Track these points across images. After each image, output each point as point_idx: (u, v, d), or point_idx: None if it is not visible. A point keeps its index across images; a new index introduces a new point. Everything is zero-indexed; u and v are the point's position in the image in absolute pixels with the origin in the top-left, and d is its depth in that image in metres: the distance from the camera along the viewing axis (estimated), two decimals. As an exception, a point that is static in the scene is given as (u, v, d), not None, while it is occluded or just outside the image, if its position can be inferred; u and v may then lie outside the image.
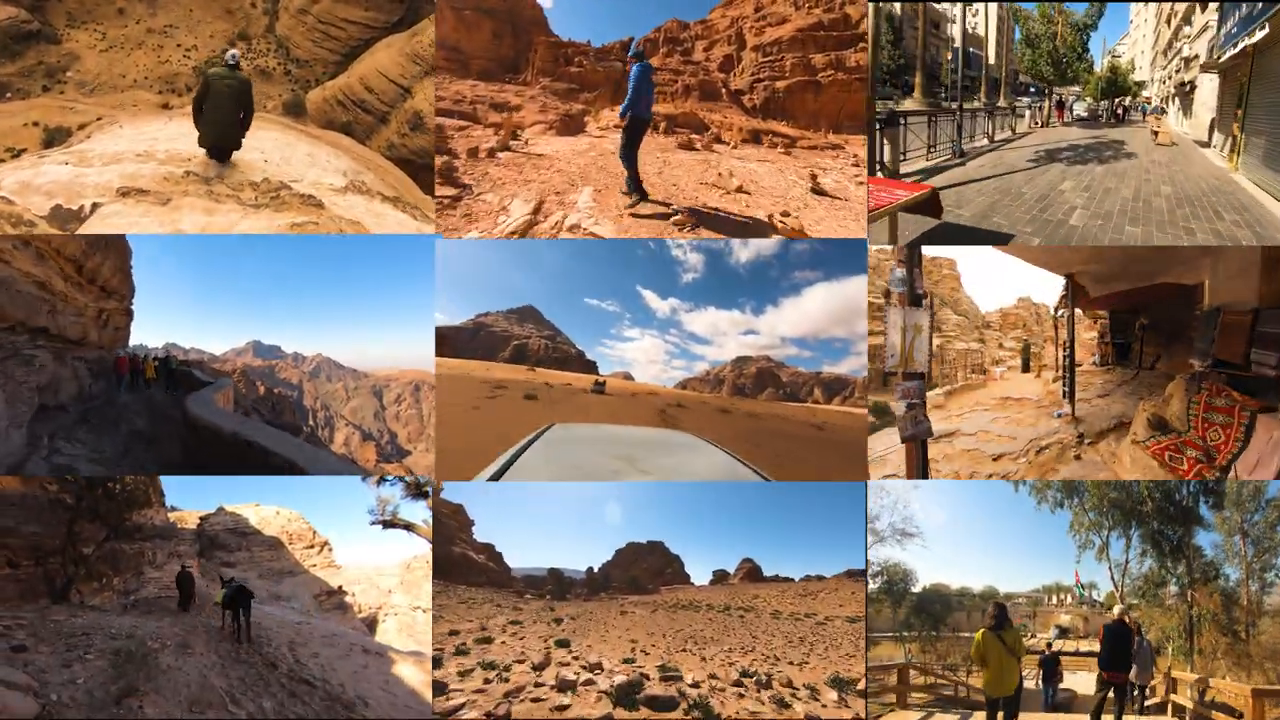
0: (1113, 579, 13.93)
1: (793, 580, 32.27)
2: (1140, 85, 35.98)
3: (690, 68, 37.10)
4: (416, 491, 10.89)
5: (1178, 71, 28.13)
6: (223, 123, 10.85)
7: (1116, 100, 35.73)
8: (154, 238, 11.24)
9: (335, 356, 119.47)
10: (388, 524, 10.82)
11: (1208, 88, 21.61)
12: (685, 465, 5.45)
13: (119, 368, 18.01)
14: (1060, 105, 32.84)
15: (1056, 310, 17.52)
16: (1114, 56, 37.26)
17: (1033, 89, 37.41)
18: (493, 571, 27.05)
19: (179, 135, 16.44)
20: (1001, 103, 31.90)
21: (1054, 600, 21.85)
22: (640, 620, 21.48)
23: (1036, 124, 29.54)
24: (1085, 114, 34.74)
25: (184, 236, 11.28)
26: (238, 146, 11.13)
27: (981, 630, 7.34)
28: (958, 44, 35.73)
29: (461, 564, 25.92)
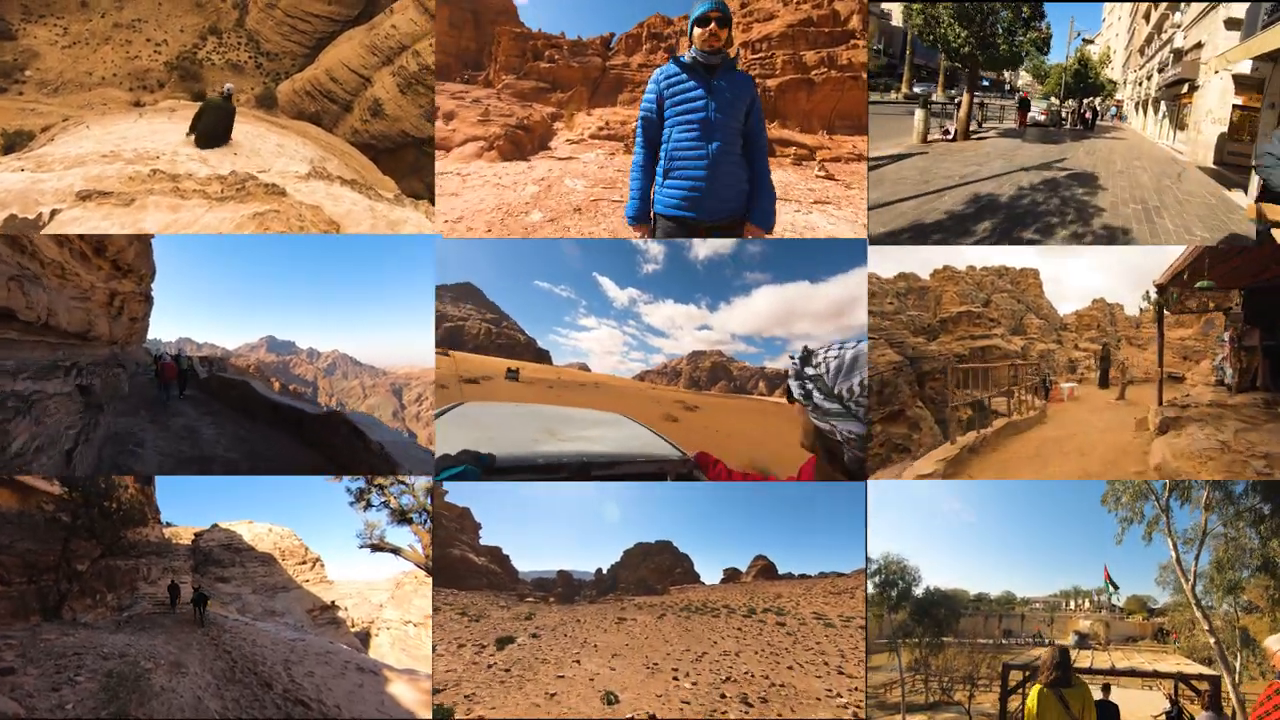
0: (1179, 567, 9.85)
1: (809, 576, 30.24)
2: (1114, 85, 29.73)
3: (679, 65, 35.16)
4: (401, 518, 10.99)
5: (1161, 70, 22.23)
6: (212, 135, 14.17)
7: (1085, 101, 28.99)
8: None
9: (353, 353, 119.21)
10: (376, 548, 11.13)
11: (1214, 90, 16.23)
12: (605, 437, 5.25)
13: (165, 374, 14.93)
14: (1024, 106, 25.41)
15: (1164, 288, 10.32)
16: (1085, 41, 29.94)
17: (985, 81, 29.06)
18: (494, 574, 26.61)
19: (150, 133, 16.13)
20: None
21: (1072, 605, 19.98)
22: (641, 634, 15.68)
23: (947, 134, 19.12)
24: (1043, 117, 27.49)
25: (196, 235, 11.12)
26: (224, 141, 14.40)
27: (1037, 687, 5.17)
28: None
29: (459, 567, 25.43)
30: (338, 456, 11.57)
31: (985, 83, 29.93)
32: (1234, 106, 15.70)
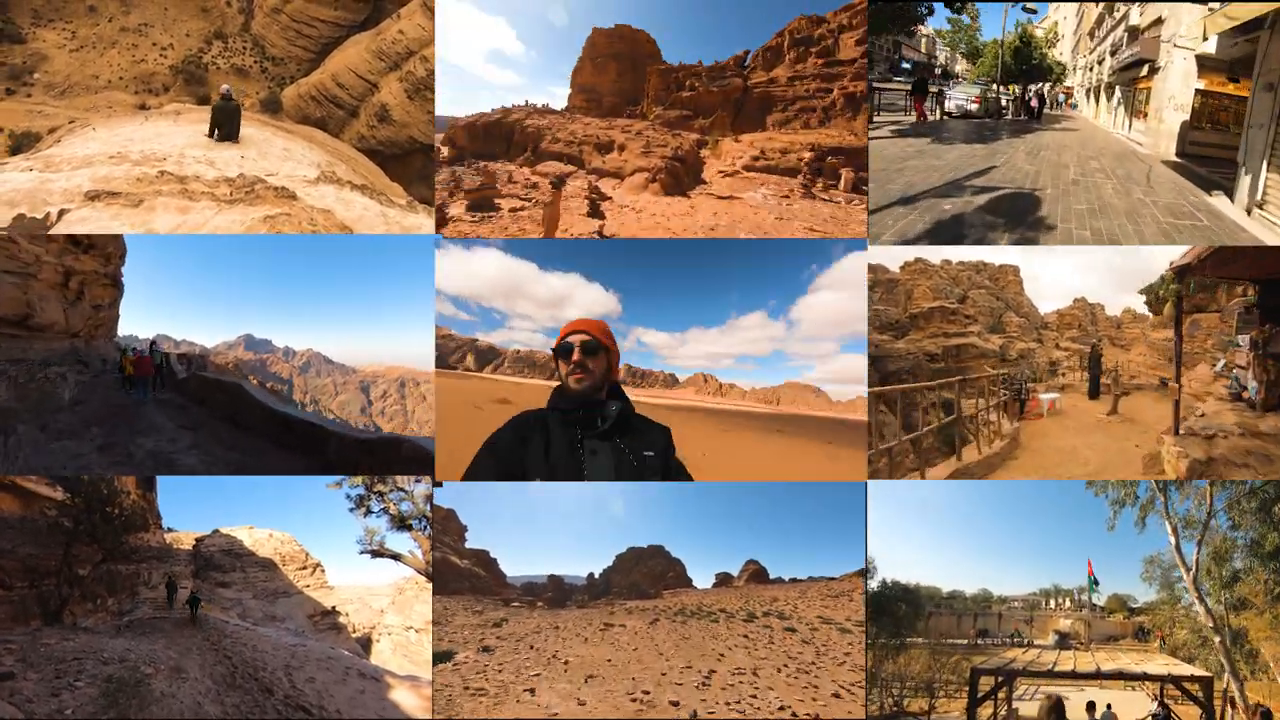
0: (1178, 554, 9.09)
1: (800, 580, 30.23)
2: (1062, 68, 25.31)
3: (843, 70, 28.37)
4: (401, 524, 10.99)
5: (1114, 52, 19.62)
6: (224, 131, 15.96)
7: (1032, 87, 24.11)
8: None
9: (325, 352, 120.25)
10: (376, 554, 11.09)
11: (1177, 73, 14.20)
12: None
13: (140, 368, 12.92)
14: (920, 90, 19.33)
15: (1184, 270, 8.38)
16: (1027, 10, 23.73)
17: (905, 63, 24.61)
18: (478, 578, 26.47)
19: (155, 136, 16.19)
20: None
21: (1052, 604, 19.36)
22: (629, 644, 13.12)
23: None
24: (974, 106, 22.24)
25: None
26: (235, 138, 16.11)
27: None
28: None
29: (441, 569, 25.15)
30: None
31: (906, 64, 25.26)
32: (1196, 91, 13.52)
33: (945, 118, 20.84)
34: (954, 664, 12.16)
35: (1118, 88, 19.67)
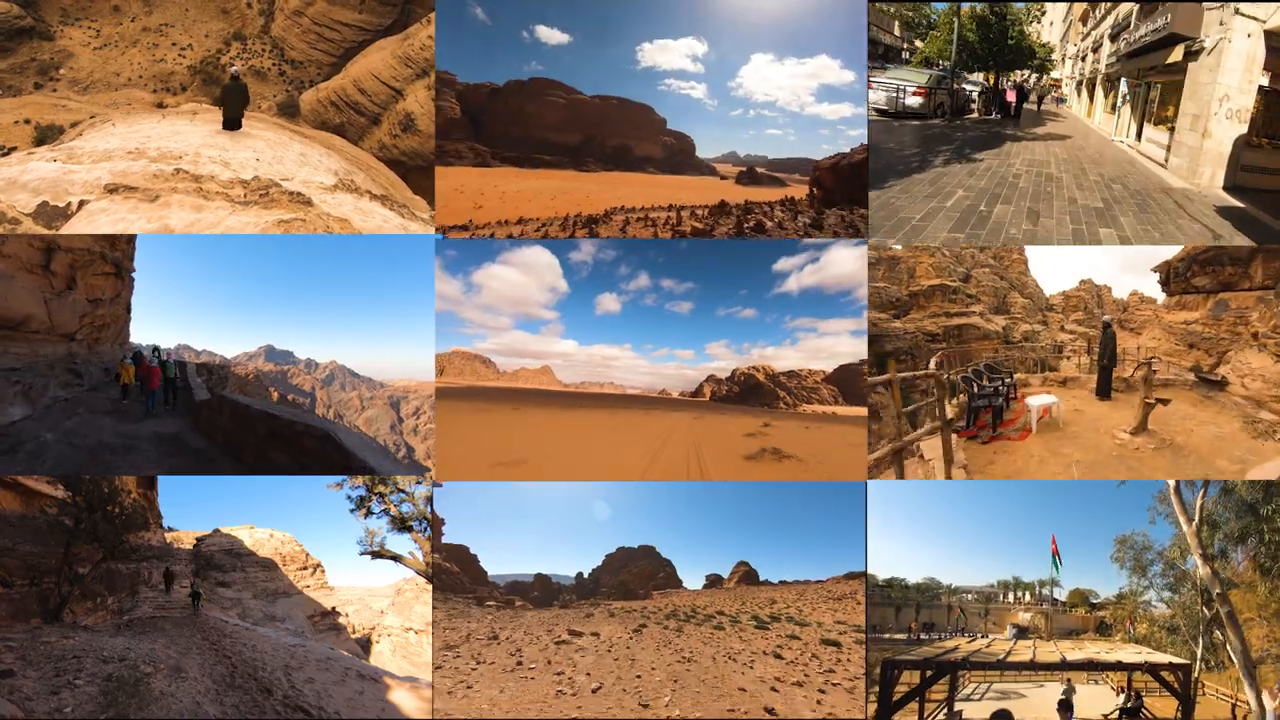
0: (1176, 498, 8.62)
1: (788, 582, 29.70)
2: (1048, 50, 20.41)
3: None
4: (401, 525, 11.07)
5: (1116, 34, 15.26)
6: (232, 111, 16.67)
7: (1014, 77, 19.51)
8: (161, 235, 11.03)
9: (350, 365, 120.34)
10: (376, 554, 11.25)
11: (1235, 59, 9.66)
12: None
13: (150, 380, 11.03)
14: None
15: None
16: None
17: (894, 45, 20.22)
18: (450, 575, 26.22)
19: (172, 133, 16.40)
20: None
21: (1011, 597, 18.44)
22: (587, 682, 8.98)
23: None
24: (914, 101, 17.49)
25: (194, 234, 11.15)
26: (238, 126, 16.61)
27: None
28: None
29: (406, 566, 25.04)
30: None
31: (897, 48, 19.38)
32: (1260, 90, 9.32)
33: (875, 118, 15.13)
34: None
35: (1123, 80, 14.81)
